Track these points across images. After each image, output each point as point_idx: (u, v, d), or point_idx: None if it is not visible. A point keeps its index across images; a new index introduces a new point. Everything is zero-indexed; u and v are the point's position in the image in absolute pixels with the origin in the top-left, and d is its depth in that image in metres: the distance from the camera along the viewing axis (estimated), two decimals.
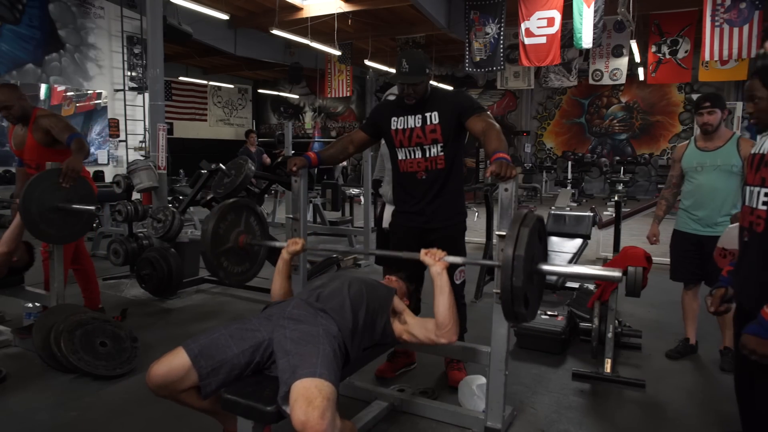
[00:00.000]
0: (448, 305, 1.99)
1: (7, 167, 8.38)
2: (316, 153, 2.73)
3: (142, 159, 5.48)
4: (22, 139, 3.37)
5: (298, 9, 9.06)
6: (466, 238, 2.81)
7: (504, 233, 2.11)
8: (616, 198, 4.18)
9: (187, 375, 1.74)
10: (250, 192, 4.97)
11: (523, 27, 8.07)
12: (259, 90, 17.31)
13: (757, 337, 1.54)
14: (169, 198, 5.47)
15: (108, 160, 9.55)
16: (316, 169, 10.24)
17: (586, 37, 7.58)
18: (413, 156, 2.61)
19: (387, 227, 3.34)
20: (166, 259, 4.06)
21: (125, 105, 9.30)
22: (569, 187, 12.11)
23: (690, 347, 3.28)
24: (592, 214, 5.02)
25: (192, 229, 5.43)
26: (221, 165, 4.39)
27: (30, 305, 3.46)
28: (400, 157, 2.66)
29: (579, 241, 4.92)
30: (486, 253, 4.59)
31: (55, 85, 8.72)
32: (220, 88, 16.22)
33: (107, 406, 2.57)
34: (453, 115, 2.53)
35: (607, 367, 2.92)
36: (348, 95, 12.65)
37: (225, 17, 9.02)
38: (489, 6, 8.43)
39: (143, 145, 8.45)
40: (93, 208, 3.08)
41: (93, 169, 3.45)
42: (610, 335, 2.97)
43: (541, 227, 1.98)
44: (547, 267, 1.95)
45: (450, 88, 13.64)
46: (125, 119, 9.33)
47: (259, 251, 2.59)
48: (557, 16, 7.85)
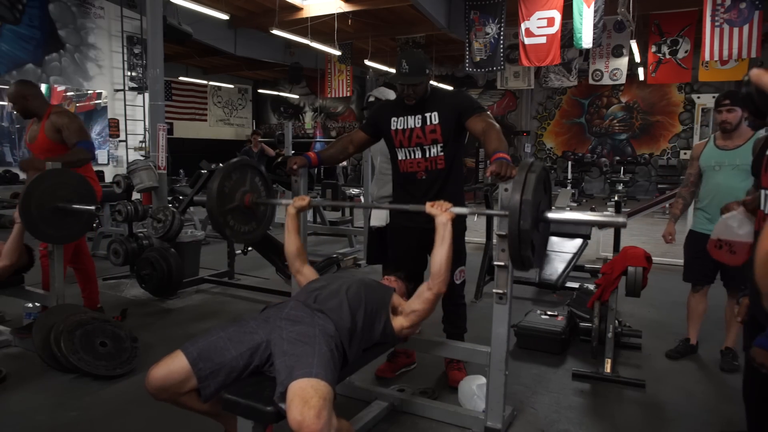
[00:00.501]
0: (446, 257, 2.10)
1: (7, 167, 8.38)
2: (316, 153, 2.73)
3: (142, 159, 5.48)
4: (34, 134, 3.43)
5: (298, 9, 9.06)
6: (466, 238, 2.81)
7: (504, 233, 2.12)
8: (616, 198, 4.17)
9: (187, 378, 1.74)
10: None
11: (523, 27, 8.06)
12: (259, 90, 17.31)
13: (766, 351, 1.52)
14: (169, 198, 5.46)
15: (108, 160, 9.55)
16: (316, 169, 10.25)
17: (586, 37, 7.57)
18: (413, 156, 2.61)
19: (374, 225, 3.43)
20: (166, 259, 4.06)
21: (125, 105, 9.30)
22: (569, 187, 12.11)
23: (690, 347, 3.27)
24: None
25: (192, 229, 5.43)
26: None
27: (30, 305, 3.47)
28: (400, 158, 2.66)
29: (579, 241, 4.93)
30: (486, 253, 4.60)
31: (55, 85, 8.72)
32: (220, 88, 16.22)
33: (107, 406, 2.57)
34: (453, 116, 2.53)
35: (607, 367, 2.93)
36: (348, 95, 12.64)
37: (225, 17, 9.01)
38: (489, 6, 8.42)
39: (143, 145, 8.44)
40: (93, 208, 3.08)
41: (93, 169, 3.45)
42: (610, 335, 2.98)
43: (547, 177, 2.04)
44: (553, 215, 1.98)
45: (450, 88, 13.65)
46: (125, 119, 9.33)
47: (266, 211, 2.60)
48: (557, 16, 7.84)
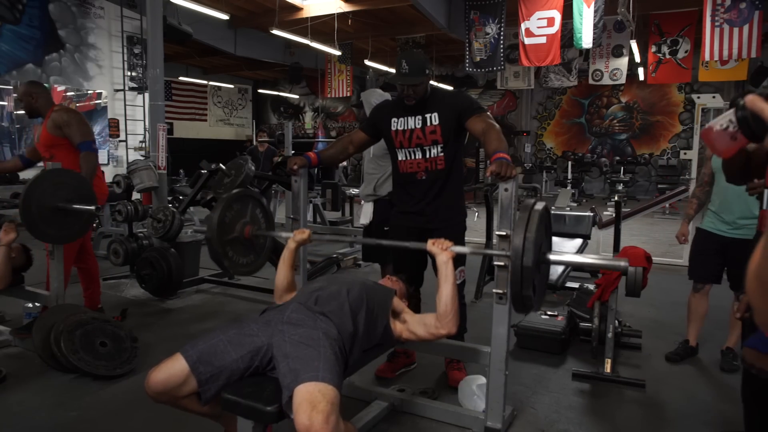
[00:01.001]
0: (451, 295, 2.01)
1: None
2: (316, 153, 2.74)
3: (142, 159, 5.48)
4: (38, 132, 3.50)
5: (298, 9, 9.06)
6: (466, 238, 2.81)
7: (504, 233, 2.12)
8: (616, 198, 4.17)
9: (187, 381, 1.73)
10: None
11: (523, 27, 8.07)
12: (259, 90, 17.31)
13: (756, 351, 1.53)
14: (169, 198, 5.47)
15: (108, 160, 9.54)
16: (316, 169, 10.23)
17: (586, 37, 7.57)
18: (413, 157, 2.61)
19: (363, 224, 3.69)
20: (166, 259, 4.06)
21: (125, 105, 9.29)
22: (569, 187, 12.11)
23: (690, 349, 3.25)
24: (592, 214, 5.02)
25: (192, 229, 5.43)
26: (221, 165, 4.38)
27: (30, 305, 3.47)
28: (400, 158, 2.66)
29: (579, 241, 4.93)
30: None
31: (55, 85, 8.71)
32: (220, 88, 16.22)
33: (107, 406, 2.57)
34: (453, 116, 2.53)
35: (607, 367, 2.93)
36: (348, 95, 12.64)
37: (225, 17, 9.01)
38: (489, 6, 8.42)
39: (143, 145, 8.43)
40: (93, 208, 3.08)
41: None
42: (610, 335, 2.98)
43: (548, 219, 2.01)
44: (554, 256, 1.97)
45: (450, 88, 13.64)
46: (125, 119, 9.32)
47: (265, 243, 2.59)
48: (557, 16, 7.84)
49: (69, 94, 9.07)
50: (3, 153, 8.54)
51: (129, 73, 9.38)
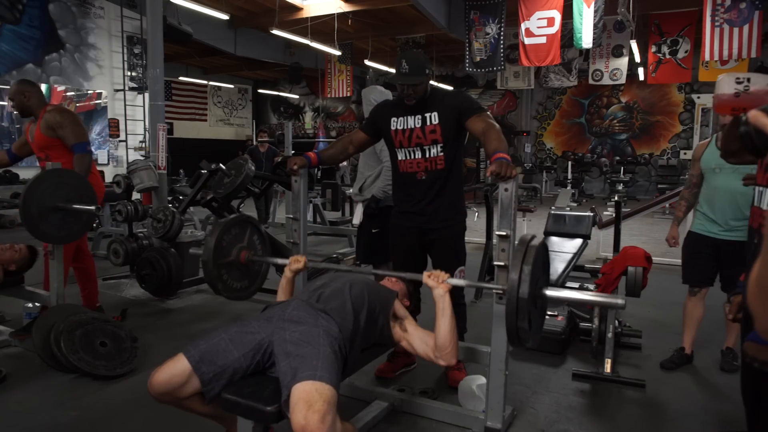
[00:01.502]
0: (449, 328, 1.98)
1: (7, 167, 8.36)
2: (316, 153, 2.74)
3: (142, 159, 5.48)
4: (32, 132, 3.46)
5: (298, 9, 9.06)
6: (466, 238, 2.81)
7: (504, 233, 2.12)
8: (616, 198, 4.18)
9: (189, 381, 1.73)
10: (250, 192, 4.96)
11: (523, 27, 8.07)
12: (259, 90, 17.31)
13: (757, 344, 1.53)
14: (169, 198, 5.46)
15: (108, 160, 9.54)
16: (316, 169, 10.23)
17: (586, 37, 7.57)
18: (413, 156, 2.61)
19: (355, 224, 3.67)
20: (166, 259, 4.06)
21: (125, 105, 9.29)
22: (569, 187, 12.10)
23: (685, 357, 3.16)
24: (592, 214, 5.02)
25: (192, 229, 5.43)
26: (221, 165, 4.39)
27: (30, 305, 3.47)
28: (399, 158, 2.66)
29: (579, 241, 4.91)
30: (486, 254, 4.60)
31: (55, 85, 8.71)
32: (220, 88, 16.22)
33: (107, 406, 2.57)
34: (453, 116, 2.53)
35: (607, 367, 2.93)
36: (348, 95, 12.64)
37: (225, 17, 9.02)
38: (489, 6, 8.43)
39: (143, 145, 8.43)
40: (93, 208, 3.08)
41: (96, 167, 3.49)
42: (610, 335, 2.97)
43: (546, 255, 1.98)
44: (551, 292, 1.94)
45: (450, 88, 13.64)
46: (125, 119, 9.32)
47: (260, 270, 2.60)
48: (557, 16, 7.85)
49: (69, 94, 9.06)
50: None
51: (129, 73, 9.38)
